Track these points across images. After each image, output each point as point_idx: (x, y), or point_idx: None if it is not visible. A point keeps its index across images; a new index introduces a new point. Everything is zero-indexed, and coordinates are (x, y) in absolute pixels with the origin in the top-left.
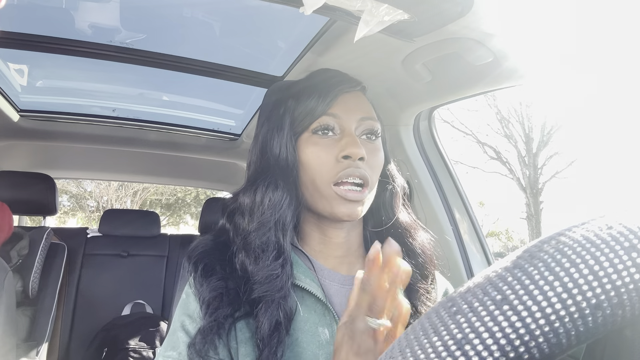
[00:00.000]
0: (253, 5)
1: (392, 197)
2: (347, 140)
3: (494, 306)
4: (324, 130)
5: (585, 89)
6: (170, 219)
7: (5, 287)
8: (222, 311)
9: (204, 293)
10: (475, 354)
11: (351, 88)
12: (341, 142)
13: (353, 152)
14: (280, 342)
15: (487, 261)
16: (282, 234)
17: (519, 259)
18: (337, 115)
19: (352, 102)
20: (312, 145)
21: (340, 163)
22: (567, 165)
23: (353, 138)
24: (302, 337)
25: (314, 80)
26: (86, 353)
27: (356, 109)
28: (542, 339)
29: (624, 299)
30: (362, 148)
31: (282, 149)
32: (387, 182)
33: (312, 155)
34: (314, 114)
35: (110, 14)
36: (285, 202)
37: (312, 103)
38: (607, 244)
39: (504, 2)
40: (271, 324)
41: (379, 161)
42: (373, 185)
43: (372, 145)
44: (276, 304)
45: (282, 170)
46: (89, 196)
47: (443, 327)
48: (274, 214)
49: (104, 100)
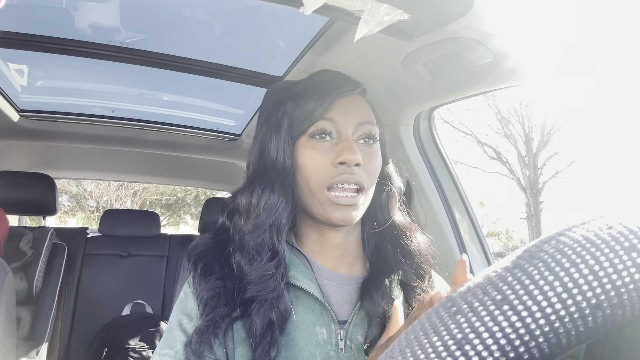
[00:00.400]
0: (253, 5)
1: (388, 198)
2: (343, 146)
3: (494, 306)
4: (321, 134)
5: (585, 89)
6: (170, 219)
7: (5, 287)
8: (219, 311)
9: (202, 292)
10: (475, 354)
11: (350, 91)
12: (337, 147)
13: (349, 159)
14: (273, 341)
15: (487, 261)
16: (277, 236)
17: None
18: (334, 119)
19: (351, 106)
20: (309, 149)
21: (335, 168)
22: (567, 165)
23: (349, 143)
24: (300, 337)
25: (314, 82)
26: (86, 353)
27: (354, 113)
28: (542, 339)
29: (624, 299)
30: (358, 154)
31: (279, 152)
32: (384, 183)
33: (308, 159)
34: (312, 118)
35: (110, 14)
36: (280, 205)
37: (311, 106)
38: (607, 244)
39: (504, 2)
40: (264, 324)
41: (375, 166)
42: (369, 189)
43: (369, 149)
44: (269, 304)
45: (279, 173)
46: (89, 196)
47: (443, 327)
48: (269, 216)
49: (104, 100)
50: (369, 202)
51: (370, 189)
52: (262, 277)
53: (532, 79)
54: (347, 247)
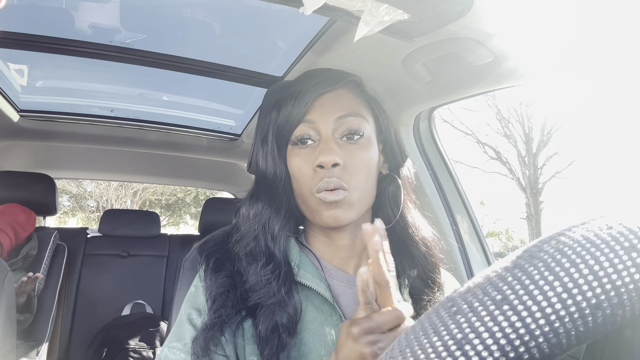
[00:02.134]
0: (253, 5)
1: (393, 192)
2: (320, 148)
3: (494, 306)
4: (301, 141)
5: (585, 89)
6: (170, 219)
7: (5, 287)
8: (226, 310)
9: (211, 287)
10: (475, 354)
11: (330, 87)
12: (317, 149)
13: (324, 161)
14: (282, 345)
15: (487, 261)
16: (273, 242)
17: (518, 259)
18: (313, 120)
19: (329, 103)
20: (294, 157)
21: (317, 173)
22: (567, 165)
23: (326, 144)
24: (309, 337)
25: (297, 84)
26: (86, 353)
27: (333, 109)
28: (542, 339)
29: (624, 299)
30: (335, 153)
31: (268, 163)
32: (389, 176)
33: (294, 167)
34: (292, 123)
35: (110, 14)
36: (265, 213)
37: (289, 111)
38: (607, 244)
39: (504, 2)
40: (267, 329)
41: (360, 163)
42: (355, 189)
43: (352, 146)
44: (271, 310)
45: (269, 182)
46: (89, 196)
47: (443, 327)
48: (254, 225)
49: (104, 101)
50: (368, 200)
51: (357, 188)
52: (259, 283)
53: (532, 79)
54: (355, 248)
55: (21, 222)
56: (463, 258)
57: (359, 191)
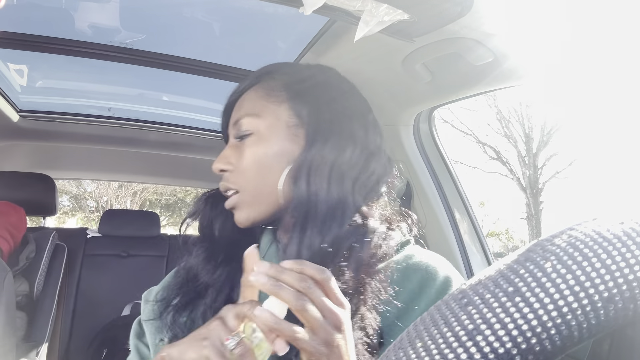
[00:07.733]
0: (253, 5)
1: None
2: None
3: (505, 297)
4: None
5: (585, 89)
6: (170, 219)
7: (5, 287)
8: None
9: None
10: (487, 344)
11: (239, 94)
12: None
13: (213, 169)
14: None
15: (487, 261)
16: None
17: (530, 252)
18: (228, 132)
19: (234, 111)
20: None
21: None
22: (567, 165)
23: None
24: None
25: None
26: (86, 353)
27: (234, 116)
28: (554, 331)
29: (635, 292)
30: (220, 160)
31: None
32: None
33: None
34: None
35: (109, 14)
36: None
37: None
38: (619, 239)
39: (504, 2)
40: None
41: (247, 161)
42: (245, 190)
43: (242, 146)
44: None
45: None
46: (88, 196)
47: (454, 318)
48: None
49: (104, 101)
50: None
51: (248, 186)
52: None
53: (532, 79)
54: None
55: (14, 222)
56: (463, 258)
57: (252, 189)
